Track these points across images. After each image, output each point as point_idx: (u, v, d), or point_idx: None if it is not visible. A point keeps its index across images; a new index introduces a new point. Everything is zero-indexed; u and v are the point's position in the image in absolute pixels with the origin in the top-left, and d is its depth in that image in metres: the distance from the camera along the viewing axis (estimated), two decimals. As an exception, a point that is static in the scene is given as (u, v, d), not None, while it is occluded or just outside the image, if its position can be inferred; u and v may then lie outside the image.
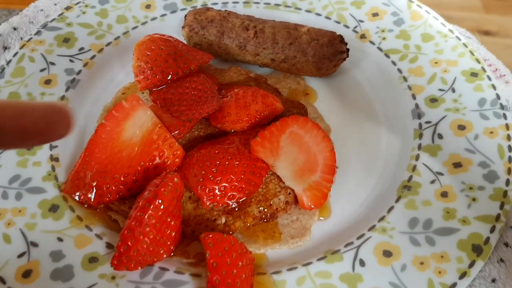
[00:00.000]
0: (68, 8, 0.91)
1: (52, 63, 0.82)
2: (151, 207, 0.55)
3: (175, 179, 0.58)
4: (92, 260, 0.60)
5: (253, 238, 0.63)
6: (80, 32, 0.87)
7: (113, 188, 0.63)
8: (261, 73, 0.82)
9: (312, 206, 0.64)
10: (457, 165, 0.66)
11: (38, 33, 0.87)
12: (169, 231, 0.58)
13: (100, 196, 0.63)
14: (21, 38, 0.90)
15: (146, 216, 0.55)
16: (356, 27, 0.86)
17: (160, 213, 0.56)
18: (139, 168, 0.63)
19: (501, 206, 0.61)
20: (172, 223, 0.58)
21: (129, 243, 0.55)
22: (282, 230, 0.64)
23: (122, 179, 0.63)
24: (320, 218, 0.66)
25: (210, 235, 0.55)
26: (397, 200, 0.65)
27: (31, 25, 0.93)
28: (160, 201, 0.55)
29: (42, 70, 0.81)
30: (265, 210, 0.64)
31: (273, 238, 0.63)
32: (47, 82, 0.80)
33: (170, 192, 0.56)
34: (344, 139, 0.74)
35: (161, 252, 0.59)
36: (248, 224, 0.64)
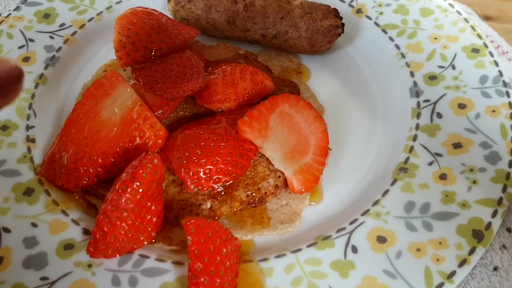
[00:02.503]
0: (49, -18, 0.86)
1: (31, 40, 0.78)
2: (129, 190, 0.51)
3: (155, 160, 0.54)
4: (68, 247, 0.57)
5: (240, 224, 0.60)
6: (61, 7, 0.83)
7: (91, 170, 0.60)
8: (251, 50, 0.78)
9: (303, 190, 0.61)
10: (457, 145, 0.63)
11: (17, 8, 0.83)
12: (149, 216, 0.55)
13: (77, 179, 0.60)
14: (0, 14, 0.86)
15: (123, 200, 0.51)
16: (352, 1, 0.81)
17: (138, 196, 0.52)
18: (118, 150, 0.60)
19: (504, 189, 0.58)
20: (153, 207, 0.55)
21: (105, 228, 0.52)
22: (271, 215, 0.61)
23: (100, 161, 0.59)
24: (311, 203, 0.63)
25: (193, 220, 0.52)
26: (393, 183, 0.61)
27: (11, 0, 0.88)
28: (138, 183, 0.52)
29: (20, 47, 0.77)
30: (253, 194, 0.61)
31: (261, 223, 0.60)
32: (26, 59, 0.76)
33: (150, 174, 0.53)
34: (338, 120, 0.71)
35: (141, 238, 0.55)
36: (235, 209, 0.60)
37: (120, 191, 0.52)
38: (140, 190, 0.52)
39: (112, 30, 0.70)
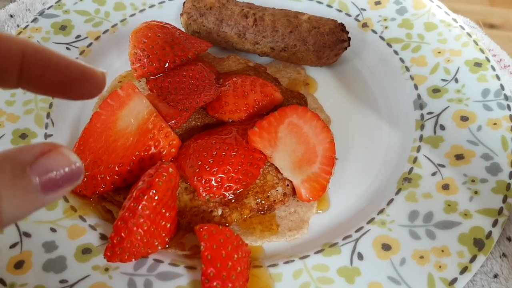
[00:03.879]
0: (65, -5, 0.89)
1: (48, 51, 0.81)
2: (145, 197, 0.54)
3: (170, 169, 0.56)
4: (86, 251, 0.59)
5: (249, 230, 0.62)
6: (77, 19, 0.86)
7: (108, 178, 0.62)
8: (260, 62, 0.81)
9: (311, 198, 0.63)
10: (459, 157, 0.65)
11: (34, 20, 0.85)
12: (163, 223, 0.57)
13: (95, 186, 0.62)
14: (18, 26, 0.89)
15: (140, 207, 0.54)
16: (358, 15, 0.84)
17: (154, 203, 0.54)
18: (134, 158, 0.62)
19: (504, 200, 0.60)
20: (167, 214, 0.57)
21: (122, 234, 0.54)
22: (280, 222, 0.63)
23: (117, 169, 0.62)
24: (319, 211, 0.65)
25: (205, 227, 0.54)
26: (397, 193, 0.63)
27: (28, 12, 0.91)
28: (154, 191, 0.54)
29: (38, 58, 0.80)
30: (263, 202, 0.63)
31: (270, 230, 0.62)
32: (43, 70, 0.78)
33: (165, 183, 0.55)
34: (344, 130, 0.72)
35: (156, 243, 0.58)
36: (245, 216, 0.62)
37: (137, 198, 0.54)
38: (156, 197, 0.54)
39: (127, 42, 0.72)
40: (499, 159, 0.63)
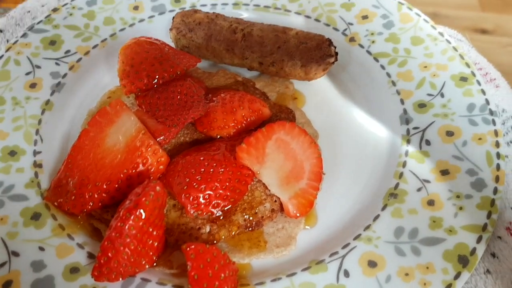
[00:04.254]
0: (55, 10, 0.89)
1: (38, 66, 0.81)
2: (132, 217, 0.54)
3: (157, 187, 0.57)
4: (73, 270, 0.59)
5: (237, 247, 0.62)
6: (67, 34, 0.86)
7: (96, 196, 0.62)
8: (249, 76, 0.82)
9: (298, 215, 0.64)
10: (445, 172, 0.65)
11: (24, 35, 0.86)
12: (151, 241, 0.58)
13: (82, 204, 0.63)
14: (7, 41, 0.89)
15: (126, 227, 0.54)
16: (345, 30, 0.84)
17: (141, 223, 0.55)
18: (122, 176, 0.63)
19: (488, 216, 0.60)
20: (154, 233, 0.58)
21: (109, 254, 0.54)
22: (268, 238, 0.64)
23: (105, 187, 0.62)
24: (306, 226, 0.65)
25: (192, 246, 0.54)
26: (383, 208, 0.64)
27: (18, 27, 0.91)
28: (141, 211, 0.55)
29: (27, 74, 0.80)
30: (250, 218, 0.63)
31: (258, 247, 0.62)
32: (32, 85, 0.79)
33: (152, 202, 0.56)
34: (332, 145, 0.73)
35: (143, 262, 0.58)
36: (233, 233, 0.63)
37: (123, 218, 0.54)
38: (143, 217, 0.55)
39: (116, 57, 0.73)
40: (483, 175, 0.64)
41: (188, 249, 0.54)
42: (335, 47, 0.77)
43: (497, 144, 0.66)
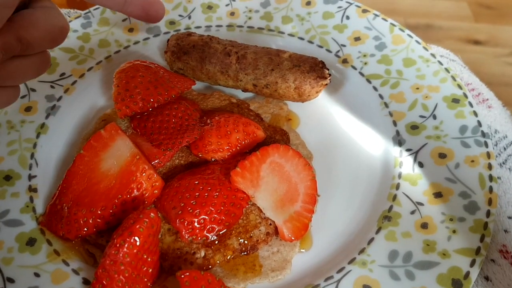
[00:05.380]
0: (50, 32, 0.90)
1: (33, 90, 0.82)
2: (126, 245, 0.54)
3: (152, 214, 0.57)
4: (69, 297, 0.59)
5: (233, 272, 0.62)
6: (62, 56, 0.87)
7: (90, 221, 0.62)
8: (244, 97, 0.82)
9: (293, 238, 0.64)
10: (438, 195, 0.66)
11: (19, 57, 0.86)
12: (145, 268, 0.58)
13: (77, 229, 0.63)
14: (2, 63, 0.89)
15: (120, 255, 0.54)
16: (338, 51, 0.85)
17: (135, 250, 0.55)
18: (117, 201, 0.63)
19: (481, 239, 0.61)
20: (149, 259, 0.58)
21: (104, 282, 0.54)
22: (263, 262, 0.64)
23: (99, 212, 0.62)
24: (301, 249, 0.65)
25: (187, 273, 0.54)
26: (378, 231, 0.64)
27: (13, 49, 0.92)
28: (135, 238, 0.55)
29: (22, 97, 0.81)
30: (245, 242, 0.63)
31: (253, 271, 0.63)
32: (28, 109, 0.79)
33: (146, 229, 0.56)
34: (326, 166, 0.73)
35: (138, 289, 0.58)
36: (228, 257, 0.63)
37: (118, 245, 0.54)
38: (137, 244, 0.55)
39: (111, 79, 0.73)
40: (476, 197, 0.65)
41: (182, 276, 0.54)
42: (328, 69, 0.78)
43: (490, 167, 0.67)
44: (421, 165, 0.69)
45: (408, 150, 0.71)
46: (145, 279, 0.58)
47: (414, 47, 0.83)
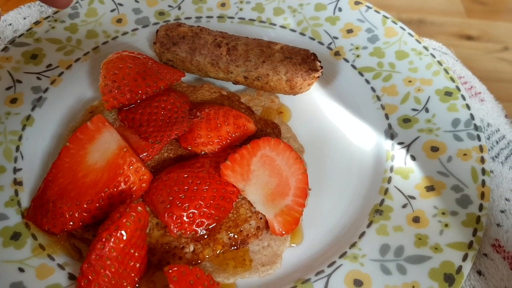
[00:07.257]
0: (37, 23, 0.88)
1: (19, 81, 0.80)
2: (112, 239, 0.53)
3: (139, 208, 0.56)
4: (54, 292, 0.58)
5: (222, 267, 0.61)
6: (49, 48, 0.85)
7: (76, 215, 0.61)
8: (234, 90, 0.81)
9: (284, 232, 0.63)
10: (430, 188, 0.65)
11: (5, 49, 0.84)
12: (132, 263, 0.56)
13: (63, 223, 0.61)
14: (-12, 54, 0.87)
15: (106, 249, 0.53)
16: (330, 43, 0.84)
17: (122, 245, 0.54)
18: (103, 195, 0.61)
19: (474, 233, 0.60)
20: (136, 254, 0.56)
21: (89, 276, 0.53)
22: (253, 257, 0.63)
23: (85, 206, 0.61)
24: (292, 244, 0.64)
25: (175, 268, 0.53)
26: (369, 225, 0.63)
27: (-1, 40, 0.90)
28: (122, 232, 0.53)
29: (8, 89, 0.79)
30: (235, 236, 0.62)
31: (243, 266, 0.62)
32: (13, 101, 0.77)
33: (133, 223, 0.54)
34: (317, 160, 0.72)
35: (125, 284, 0.56)
36: (218, 252, 0.62)
37: (103, 240, 0.53)
38: (124, 238, 0.54)
39: (99, 70, 0.71)
40: (469, 191, 0.64)
41: (170, 271, 0.53)
42: (320, 62, 0.76)
43: (482, 160, 0.66)
44: (413, 158, 0.68)
45: (400, 143, 0.71)
46: (132, 274, 0.57)
47: (406, 39, 0.82)
